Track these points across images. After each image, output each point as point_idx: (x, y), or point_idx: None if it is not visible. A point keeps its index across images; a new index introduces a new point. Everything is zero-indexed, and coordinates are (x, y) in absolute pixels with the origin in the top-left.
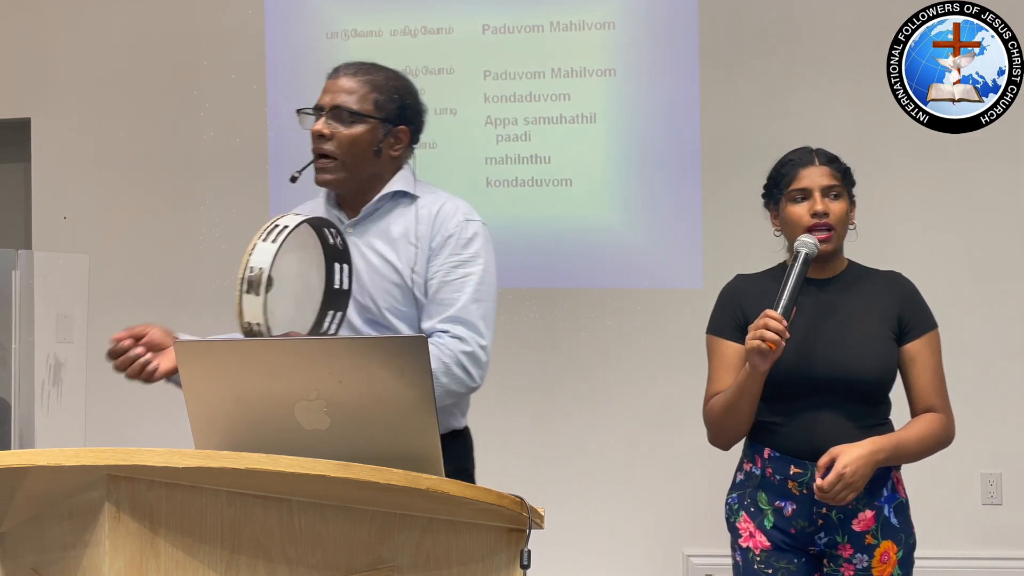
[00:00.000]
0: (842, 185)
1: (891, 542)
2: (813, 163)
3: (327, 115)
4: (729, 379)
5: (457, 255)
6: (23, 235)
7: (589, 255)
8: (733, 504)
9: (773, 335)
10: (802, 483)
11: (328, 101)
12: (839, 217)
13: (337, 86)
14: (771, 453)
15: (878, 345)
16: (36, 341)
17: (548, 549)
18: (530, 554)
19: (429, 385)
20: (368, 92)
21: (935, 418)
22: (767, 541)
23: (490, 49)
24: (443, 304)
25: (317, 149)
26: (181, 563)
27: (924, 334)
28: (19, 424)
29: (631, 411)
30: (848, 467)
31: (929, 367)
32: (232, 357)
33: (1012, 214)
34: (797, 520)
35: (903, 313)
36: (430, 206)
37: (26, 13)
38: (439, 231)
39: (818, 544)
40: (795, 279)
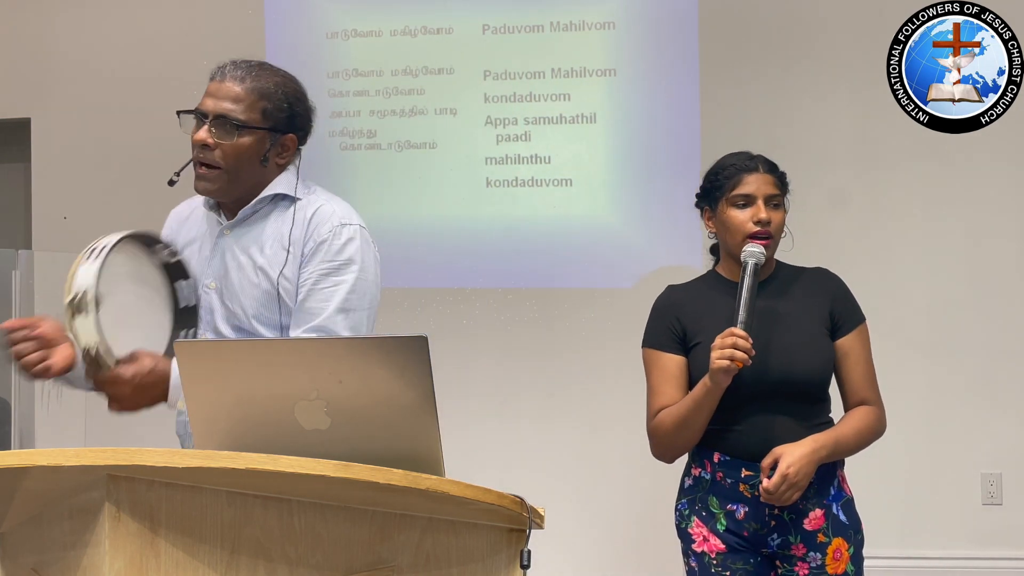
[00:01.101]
0: (781, 195)
1: (842, 539)
2: (757, 170)
3: (211, 123)
4: (673, 392)
5: (329, 262)
6: (23, 235)
7: (589, 255)
8: (683, 510)
9: (742, 354)
10: (754, 486)
11: (212, 108)
12: (778, 226)
13: (223, 91)
14: (721, 457)
15: (816, 344)
16: None
17: (548, 549)
18: (530, 554)
19: (429, 385)
20: (256, 100)
21: (869, 411)
22: (721, 544)
23: (490, 49)
24: (309, 313)
25: (199, 158)
26: (181, 563)
27: (854, 328)
28: (19, 424)
29: (631, 410)
30: (792, 467)
31: (861, 361)
32: (232, 357)
33: (1012, 214)
34: (749, 522)
35: (834, 309)
36: (306, 209)
37: (26, 13)
38: (312, 235)
39: (771, 545)
40: (748, 291)
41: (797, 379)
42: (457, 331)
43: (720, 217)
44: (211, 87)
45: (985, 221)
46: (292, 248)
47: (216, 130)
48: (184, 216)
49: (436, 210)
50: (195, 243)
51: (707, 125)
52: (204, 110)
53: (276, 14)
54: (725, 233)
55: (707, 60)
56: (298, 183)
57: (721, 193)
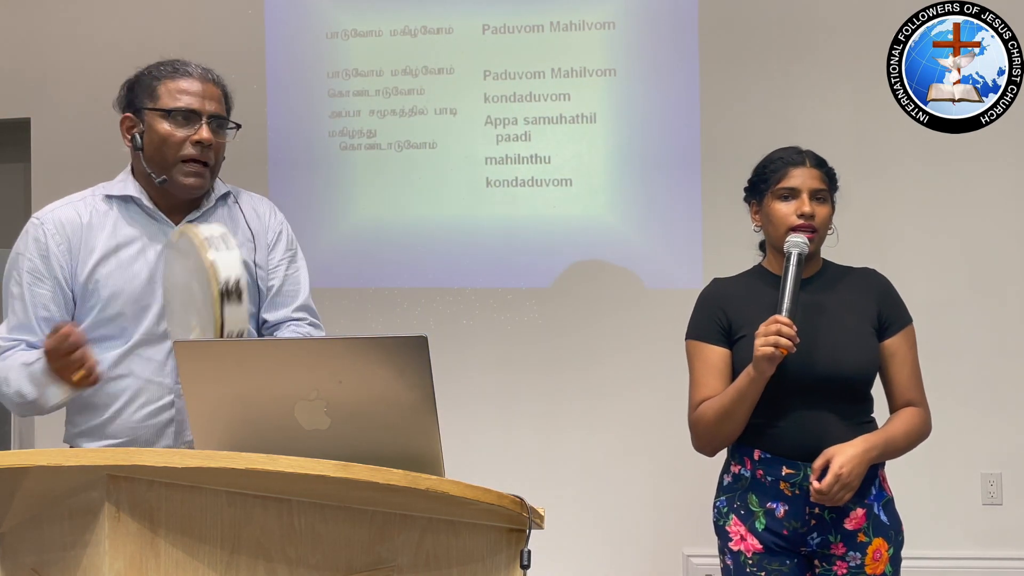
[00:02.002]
0: (828, 190)
1: (882, 539)
2: (804, 164)
3: (208, 122)
4: (716, 384)
5: (290, 249)
6: None
7: (589, 255)
8: (722, 507)
9: (787, 341)
10: (795, 484)
11: (206, 108)
12: (823, 221)
13: (210, 92)
14: (761, 455)
15: (863, 342)
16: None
17: (548, 549)
18: (530, 554)
19: (429, 385)
20: (224, 98)
21: (916, 412)
22: (759, 543)
23: (490, 49)
24: (289, 295)
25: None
26: (181, 563)
27: (902, 329)
28: (19, 424)
29: (631, 411)
30: (844, 467)
31: (908, 362)
32: (232, 357)
33: (1012, 214)
34: (789, 521)
35: (882, 309)
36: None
37: (26, 13)
38: (269, 226)
39: (810, 544)
40: (793, 280)
41: (844, 375)
42: (457, 331)
43: (765, 210)
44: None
45: (985, 221)
46: (256, 239)
47: (214, 129)
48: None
49: (436, 210)
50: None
51: (707, 125)
52: (198, 110)
53: (276, 14)
54: (769, 226)
55: (707, 60)
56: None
57: (767, 186)
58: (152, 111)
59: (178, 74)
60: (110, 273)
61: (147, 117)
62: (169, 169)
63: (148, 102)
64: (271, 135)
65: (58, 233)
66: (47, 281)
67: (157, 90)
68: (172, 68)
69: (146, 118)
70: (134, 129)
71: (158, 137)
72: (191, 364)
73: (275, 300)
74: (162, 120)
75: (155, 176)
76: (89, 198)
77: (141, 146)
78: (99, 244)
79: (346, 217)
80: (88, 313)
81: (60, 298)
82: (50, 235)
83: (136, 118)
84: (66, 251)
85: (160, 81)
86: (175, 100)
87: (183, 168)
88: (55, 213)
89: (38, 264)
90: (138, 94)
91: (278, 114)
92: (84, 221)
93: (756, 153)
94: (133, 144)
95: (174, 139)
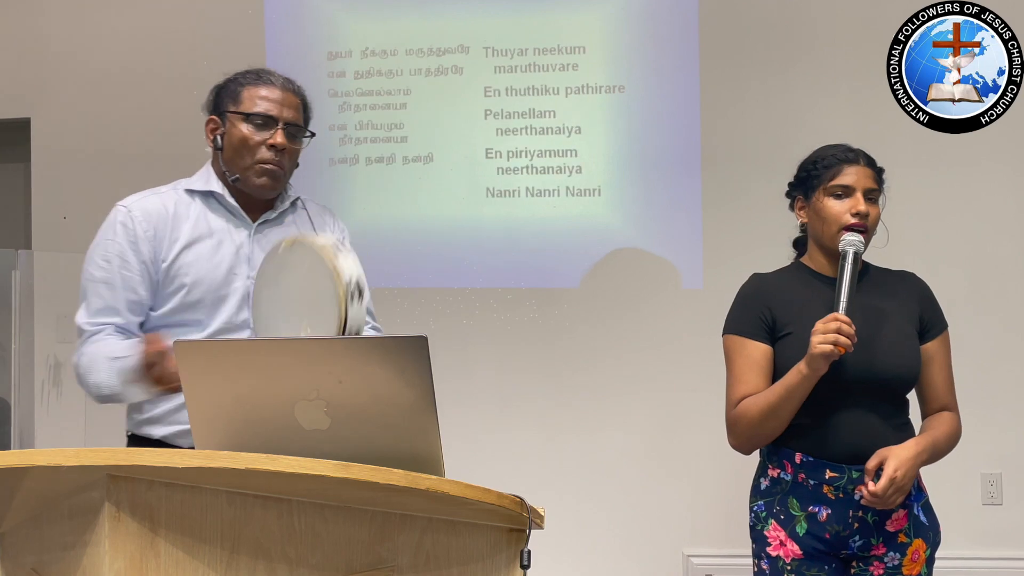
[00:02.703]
0: (879, 190)
1: (922, 540)
2: (858, 162)
3: (284, 129)
4: (757, 380)
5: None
6: (23, 235)
7: (589, 255)
8: (760, 512)
9: (846, 339)
10: (838, 487)
11: (284, 115)
12: (875, 221)
13: (288, 100)
14: (803, 458)
15: (910, 344)
16: (36, 341)
17: (548, 549)
18: (530, 554)
19: (429, 385)
20: (303, 107)
21: (953, 417)
22: (799, 549)
23: (490, 49)
24: None
25: (271, 159)
26: (181, 563)
27: (939, 334)
28: (19, 424)
29: (631, 411)
30: (899, 470)
31: (944, 366)
32: (232, 357)
33: (1012, 214)
34: (831, 524)
35: (923, 312)
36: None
37: (26, 13)
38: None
39: (851, 547)
40: (850, 279)
41: (896, 377)
42: (457, 331)
43: (815, 206)
44: (269, 93)
45: (985, 221)
46: None
47: (289, 136)
48: (166, 213)
49: (436, 210)
50: (209, 239)
51: (707, 125)
52: (275, 116)
53: (276, 14)
54: (820, 223)
55: (707, 60)
56: None
57: (819, 182)
58: (234, 114)
59: (261, 81)
60: (193, 261)
61: (229, 120)
62: (244, 170)
63: (231, 105)
64: None
65: (145, 220)
66: (135, 265)
67: (240, 95)
68: (256, 76)
69: (228, 121)
70: (217, 131)
71: (237, 139)
72: (191, 364)
73: None
74: (242, 123)
75: (230, 175)
76: (171, 191)
77: (221, 147)
78: (183, 233)
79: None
80: (169, 299)
81: (147, 282)
82: (137, 221)
83: (219, 120)
84: (152, 237)
85: (244, 87)
86: (255, 105)
87: (257, 169)
88: (142, 202)
89: (126, 248)
90: (223, 98)
91: None
92: (170, 211)
93: (756, 153)
94: (214, 145)
95: (251, 142)
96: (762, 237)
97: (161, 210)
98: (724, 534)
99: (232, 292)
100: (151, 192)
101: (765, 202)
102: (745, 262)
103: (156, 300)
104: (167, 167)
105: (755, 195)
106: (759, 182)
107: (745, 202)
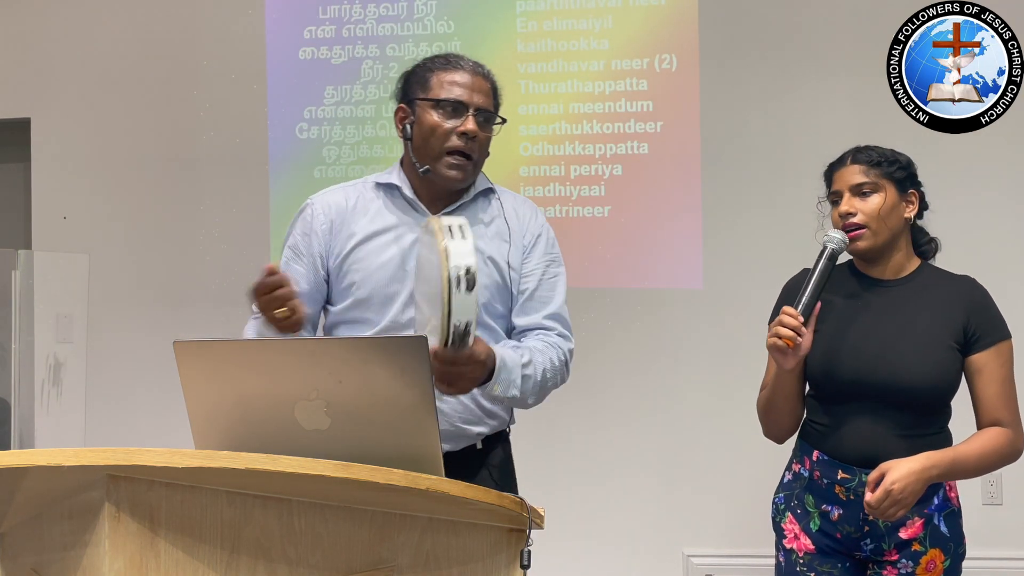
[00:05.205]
0: (877, 179)
1: (939, 550)
2: (844, 164)
3: (475, 115)
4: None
5: (549, 253)
6: (23, 235)
7: (589, 255)
8: (780, 504)
9: (788, 332)
10: (849, 489)
11: (474, 101)
12: (872, 213)
13: (478, 85)
14: (820, 456)
15: (936, 354)
16: (36, 341)
17: (548, 549)
18: (530, 554)
19: (429, 385)
20: (493, 92)
21: (1000, 433)
22: (811, 544)
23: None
24: (541, 302)
25: (462, 147)
26: (181, 563)
27: (993, 345)
28: (19, 424)
29: (631, 411)
30: (897, 483)
31: (996, 379)
32: (232, 357)
33: (1012, 214)
34: (843, 525)
35: (970, 322)
36: (509, 202)
37: (26, 13)
38: (528, 227)
39: (864, 550)
40: (817, 275)
41: (901, 386)
42: None
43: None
44: (459, 78)
45: (985, 221)
46: (511, 239)
47: (480, 122)
48: (348, 206)
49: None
50: (389, 232)
51: (707, 125)
52: (466, 101)
53: (276, 14)
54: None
55: (707, 59)
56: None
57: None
58: (423, 101)
59: (450, 66)
60: (363, 257)
61: (418, 107)
62: (434, 160)
63: (420, 92)
64: (271, 135)
65: (323, 214)
66: (304, 259)
67: (429, 81)
68: (445, 60)
69: (417, 108)
70: (406, 120)
71: (427, 127)
72: (191, 364)
73: (526, 305)
74: (431, 110)
75: (419, 166)
76: (360, 185)
77: (410, 136)
78: (359, 228)
79: None
80: (344, 296)
81: (312, 276)
82: (316, 215)
83: (408, 109)
84: (327, 231)
85: (433, 72)
86: (445, 91)
87: (447, 160)
88: (325, 196)
89: (299, 242)
90: (412, 85)
91: (278, 114)
92: (350, 205)
93: (756, 153)
94: (403, 134)
95: (441, 130)
96: (762, 237)
97: (342, 204)
98: (724, 534)
99: (403, 289)
100: (340, 187)
101: (765, 202)
102: (745, 262)
103: (333, 296)
104: (167, 167)
105: (755, 195)
106: (759, 182)
107: (745, 202)
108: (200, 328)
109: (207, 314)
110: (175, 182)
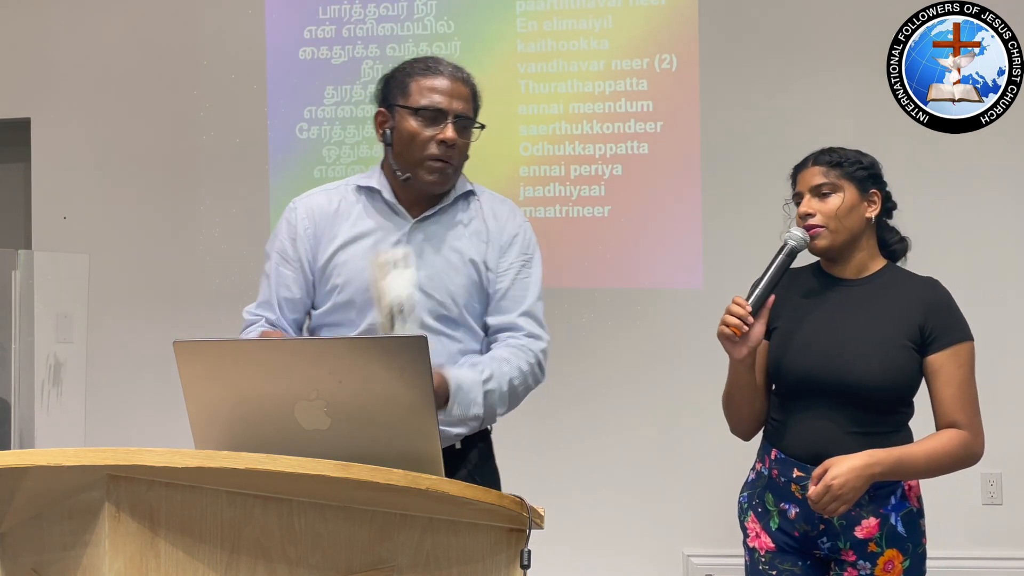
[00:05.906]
0: (837, 180)
1: (896, 551)
2: (807, 166)
3: (454, 122)
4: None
5: (524, 253)
6: (23, 235)
7: (589, 255)
8: (743, 503)
9: (734, 320)
10: (804, 487)
11: (454, 107)
12: (829, 213)
13: (458, 91)
14: (777, 454)
15: (888, 352)
16: (36, 341)
17: (548, 549)
18: (530, 554)
19: (429, 385)
20: (472, 97)
21: (955, 435)
22: (772, 543)
23: (490, 50)
24: (515, 300)
25: (441, 155)
26: (181, 563)
27: (950, 346)
28: (19, 424)
29: (631, 411)
30: (837, 479)
31: (953, 381)
32: (232, 357)
33: (1012, 214)
34: (800, 523)
35: (927, 323)
36: (488, 203)
37: (26, 13)
38: (505, 228)
39: (822, 548)
40: (773, 269)
41: (851, 382)
42: None
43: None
44: (438, 84)
45: (985, 221)
46: (491, 240)
47: (459, 129)
48: (330, 210)
49: None
50: (370, 236)
51: (707, 124)
52: (445, 109)
53: (276, 14)
54: None
55: (707, 59)
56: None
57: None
58: (402, 108)
59: (430, 72)
60: (346, 261)
61: (398, 114)
62: (414, 166)
63: (400, 99)
64: (271, 135)
65: (307, 218)
66: (292, 263)
67: (409, 87)
68: (424, 66)
69: (396, 115)
70: (386, 124)
71: (406, 134)
72: (191, 364)
73: (500, 304)
74: (411, 118)
75: (400, 172)
76: (342, 187)
77: (390, 142)
78: (342, 232)
79: None
80: (326, 298)
81: (302, 280)
82: (300, 219)
83: (388, 114)
84: (312, 235)
85: (412, 78)
86: (425, 98)
87: (427, 166)
88: (309, 199)
89: (287, 246)
90: (392, 90)
91: (278, 114)
92: (333, 208)
93: (756, 153)
94: (384, 139)
95: (421, 138)
96: (762, 237)
97: (325, 207)
98: (724, 534)
99: None
100: (322, 189)
101: (765, 202)
102: (745, 262)
103: (316, 298)
104: (167, 167)
105: (755, 195)
106: (759, 182)
107: (745, 202)
108: (200, 328)
109: (207, 314)
110: (175, 182)
